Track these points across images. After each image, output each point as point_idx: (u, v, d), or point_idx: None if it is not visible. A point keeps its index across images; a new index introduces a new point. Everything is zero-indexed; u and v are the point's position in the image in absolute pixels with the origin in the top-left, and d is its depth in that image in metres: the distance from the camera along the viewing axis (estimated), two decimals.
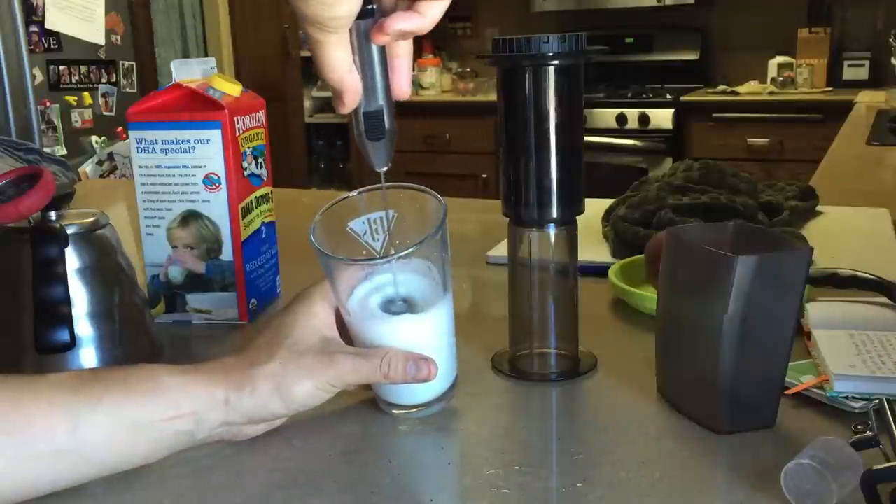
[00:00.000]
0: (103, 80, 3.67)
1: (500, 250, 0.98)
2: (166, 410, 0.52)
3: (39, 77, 3.32)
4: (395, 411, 0.61)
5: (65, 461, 0.50)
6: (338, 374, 0.55)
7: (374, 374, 0.55)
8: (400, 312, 0.58)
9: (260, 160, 0.84)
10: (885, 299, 0.74)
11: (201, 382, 0.53)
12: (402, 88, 0.53)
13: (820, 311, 0.71)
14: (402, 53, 0.53)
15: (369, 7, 0.48)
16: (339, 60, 0.49)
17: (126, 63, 3.78)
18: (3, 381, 0.51)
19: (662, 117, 3.59)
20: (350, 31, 0.49)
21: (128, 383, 0.52)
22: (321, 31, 0.47)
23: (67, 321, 0.63)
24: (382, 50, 0.51)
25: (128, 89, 3.78)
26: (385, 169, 0.55)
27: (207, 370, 0.55)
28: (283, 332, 0.57)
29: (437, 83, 4.20)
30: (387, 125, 0.53)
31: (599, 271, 0.87)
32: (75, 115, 3.55)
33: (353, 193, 0.60)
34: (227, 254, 0.80)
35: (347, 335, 0.60)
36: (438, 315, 0.59)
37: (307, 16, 0.46)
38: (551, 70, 0.61)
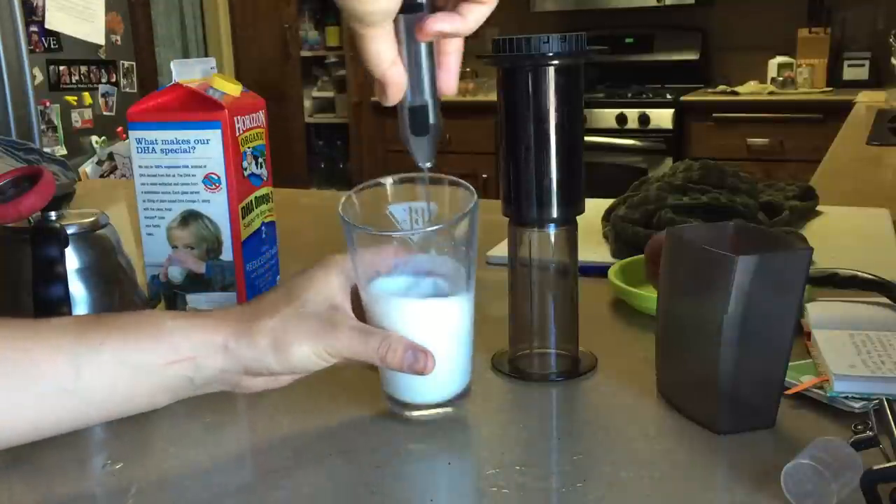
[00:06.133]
0: (103, 80, 3.67)
1: (500, 250, 0.98)
2: (166, 354, 0.52)
3: (39, 77, 3.32)
4: (407, 413, 0.59)
5: (68, 403, 0.51)
6: (336, 344, 0.54)
7: (372, 353, 0.54)
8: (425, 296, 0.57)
9: (260, 160, 0.83)
10: (885, 299, 0.74)
11: (201, 328, 0.54)
12: (449, 85, 0.53)
13: (820, 311, 0.71)
14: (452, 51, 0.53)
15: (418, 2, 0.48)
16: (380, 54, 0.49)
17: (126, 63, 3.78)
18: (7, 324, 0.52)
19: (662, 117, 3.59)
20: (397, 24, 0.48)
21: (129, 328, 0.53)
22: (361, 25, 0.47)
23: None
24: (430, 45, 0.51)
25: (128, 89, 3.78)
26: (429, 165, 0.54)
27: (210, 317, 0.55)
28: (294, 293, 0.56)
29: None
30: (431, 121, 0.52)
31: (599, 271, 0.87)
32: (75, 115, 3.55)
33: (387, 180, 0.59)
34: (227, 254, 0.80)
35: (363, 316, 0.58)
36: (461, 304, 0.58)
37: (345, 9, 0.46)
38: (551, 70, 0.61)
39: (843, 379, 0.59)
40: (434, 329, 0.57)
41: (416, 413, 0.60)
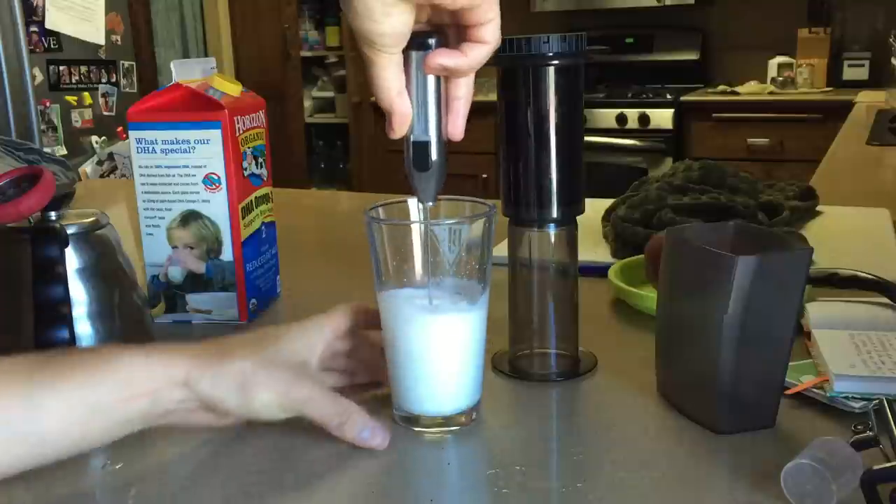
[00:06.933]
0: (103, 80, 3.67)
1: (500, 250, 0.98)
2: (123, 390, 0.51)
3: (39, 77, 3.31)
4: (415, 430, 0.59)
5: (22, 445, 0.50)
6: (300, 399, 0.55)
7: (331, 418, 0.55)
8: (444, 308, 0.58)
9: (260, 160, 0.83)
10: (885, 299, 0.74)
11: (162, 362, 0.53)
12: (456, 129, 0.55)
13: (820, 311, 0.71)
14: (461, 96, 0.54)
15: (428, 41, 0.51)
16: (387, 82, 0.51)
17: (126, 63, 3.78)
18: None
19: (662, 117, 3.59)
20: (408, 61, 0.51)
21: (85, 365, 0.52)
22: (371, 49, 0.49)
23: (67, 321, 0.64)
24: (439, 85, 0.53)
25: (128, 89, 3.78)
26: (431, 204, 0.56)
27: (172, 350, 0.55)
28: (268, 340, 0.57)
29: None
30: (433, 157, 0.54)
31: (599, 271, 0.87)
32: (75, 115, 3.55)
33: (411, 200, 0.59)
34: (227, 254, 0.80)
35: (337, 369, 0.60)
36: (472, 321, 0.58)
37: (357, 30, 0.48)
38: (551, 70, 0.61)
39: (843, 379, 0.59)
40: (444, 343, 0.58)
41: (423, 431, 0.59)
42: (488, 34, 0.51)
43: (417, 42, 0.51)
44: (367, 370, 0.64)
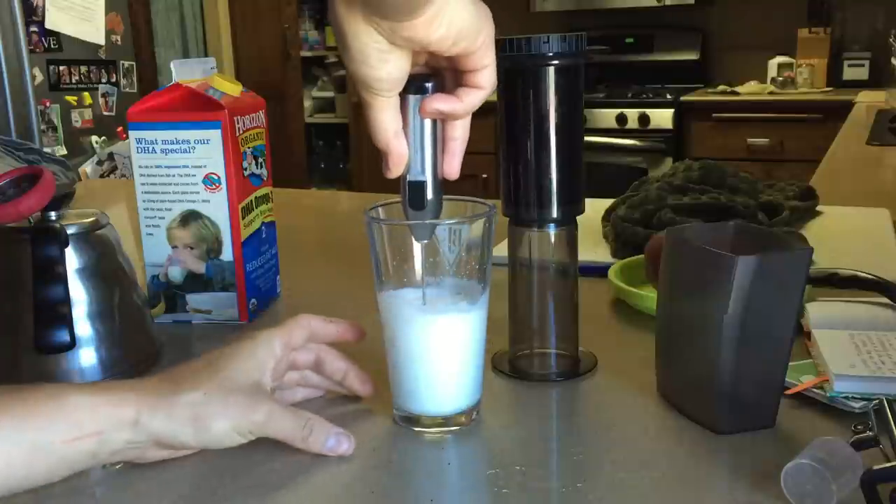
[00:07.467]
0: (103, 80, 3.67)
1: (500, 250, 0.98)
2: (69, 431, 0.50)
3: (39, 77, 3.32)
4: (416, 430, 0.59)
5: None
6: (259, 421, 0.54)
7: (294, 433, 0.55)
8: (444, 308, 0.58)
9: (260, 160, 0.84)
10: (885, 299, 0.74)
11: (110, 402, 0.52)
12: (452, 168, 0.56)
13: (820, 311, 0.71)
14: (458, 137, 0.55)
15: (425, 84, 0.52)
16: (384, 123, 0.51)
17: (126, 63, 3.79)
18: None
19: (662, 117, 3.59)
20: (406, 104, 0.52)
21: (28, 404, 0.51)
22: (369, 93, 0.50)
23: (67, 321, 0.63)
24: (435, 127, 0.54)
25: (128, 89, 3.78)
26: (425, 242, 0.56)
27: (121, 389, 0.54)
28: (218, 365, 0.56)
29: None
30: (429, 197, 0.55)
31: (599, 271, 0.87)
32: (75, 115, 3.55)
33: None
34: (227, 254, 0.80)
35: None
36: (472, 322, 0.59)
37: (354, 74, 0.49)
38: (551, 70, 0.61)
39: (843, 379, 0.59)
40: (443, 343, 0.58)
41: (423, 431, 0.59)
42: (484, 80, 0.52)
43: (415, 86, 0.52)
44: (339, 382, 0.64)
